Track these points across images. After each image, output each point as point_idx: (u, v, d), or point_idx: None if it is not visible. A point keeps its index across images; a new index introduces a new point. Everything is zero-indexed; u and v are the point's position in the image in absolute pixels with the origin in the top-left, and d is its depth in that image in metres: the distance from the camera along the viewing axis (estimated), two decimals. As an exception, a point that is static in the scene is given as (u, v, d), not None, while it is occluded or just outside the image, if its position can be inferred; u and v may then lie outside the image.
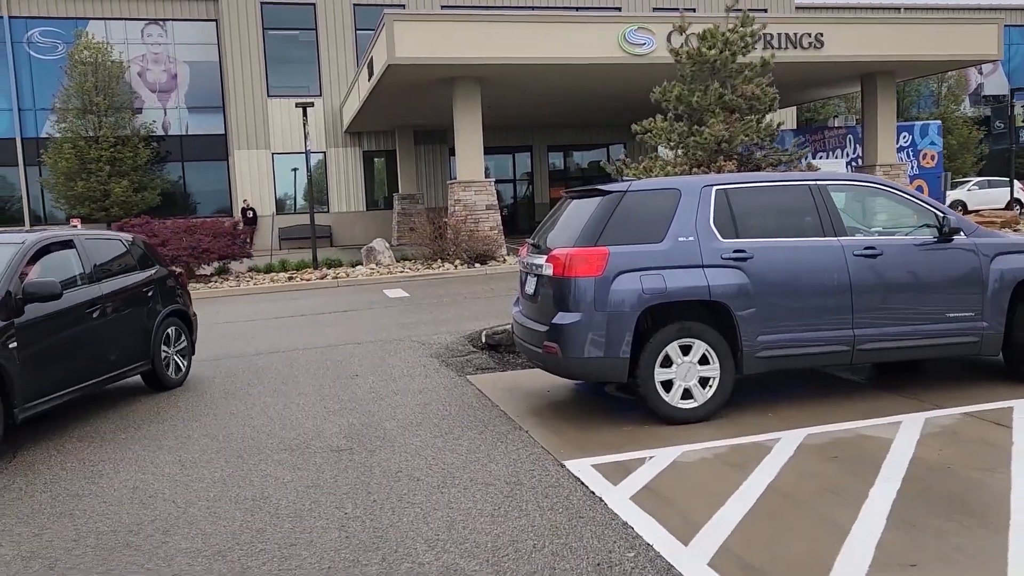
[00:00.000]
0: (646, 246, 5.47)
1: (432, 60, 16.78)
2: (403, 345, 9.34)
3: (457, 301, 13.10)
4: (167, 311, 7.72)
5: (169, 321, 7.74)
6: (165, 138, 30.34)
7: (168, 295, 7.90)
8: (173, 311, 7.87)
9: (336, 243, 30.00)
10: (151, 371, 7.44)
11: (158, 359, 7.49)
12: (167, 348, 7.68)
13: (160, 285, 7.77)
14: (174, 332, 7.85)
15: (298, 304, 13.96)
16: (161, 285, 7.79)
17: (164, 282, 7.91)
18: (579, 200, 6.07)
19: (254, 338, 10.63)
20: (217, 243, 16.45)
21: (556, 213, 6.36)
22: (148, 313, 7.46)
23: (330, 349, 9.42)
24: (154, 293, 7.62)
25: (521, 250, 6.58)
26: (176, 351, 7.87)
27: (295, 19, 29.49)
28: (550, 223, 6.35)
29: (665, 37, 17.54)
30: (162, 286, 7.81)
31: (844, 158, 23.94)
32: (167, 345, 7.69)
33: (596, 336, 5.36)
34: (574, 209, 6.04)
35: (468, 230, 17.83)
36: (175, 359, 7.83)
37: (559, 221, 6.19)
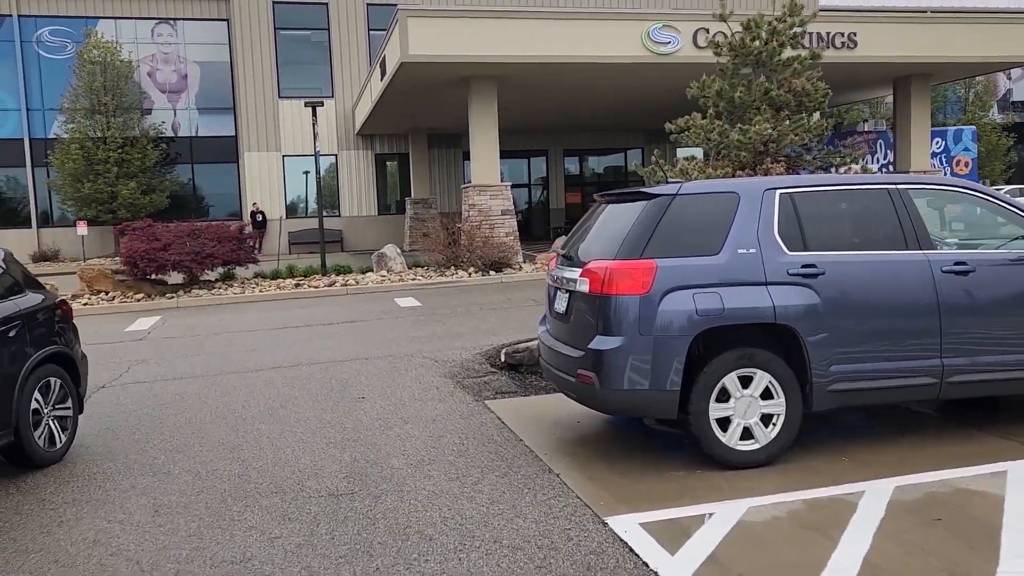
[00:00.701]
0: (700, 259, 4.66)
1: (447, 58, 16.04)
2: (414, 362, 8.56)
3: (472, 312, 12.32)
4: (41, 355, 5.53)
5: (44, 370, 5.59)
6: (174, 139, 29.77)
7: (45, 334, 5.73)
8: (51, 355, 5.69)
9: (347, 248, 29.30)
10: (14, 443, 5.19)
11: (24, 425, 5.26)
12: (40, 406, 5.49)
13: (30, 320, 5.59)
14: (54, 385, 5.69)
15: (304, 313, 13.21)
16: (32, 320, 5.61)
17: (36, 316, 5.71)
18: (617, 205, 5.27)
19: (255, 351, 9.88)
20: (222, 248, 15.73)
21: (589, 220, 5.56)
22: (10, 358, 5.25)
23: (335, 365, 8.65)
24: (20, 331, 5.41)
25: (550, 262, 5.78)
26: (52, 411, 5.64)
27: (307, 19, 28.87)
28: (583, 231, 5.55)
29: (691, 36, 16.82)
30: (34, 321, 5.64)
31: (875, 164, 23.04)
32: (41, 402, 5.51)
33: (640, 364, 4.56)
34: (612, 215, 5.23)
35: (483, 236, 17.05)
36: (51, 424, 5.58)
37: (594, 229, 5.39)
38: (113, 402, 7.41)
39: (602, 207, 5.52)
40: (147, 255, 14.90)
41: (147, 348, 10.56)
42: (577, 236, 5.59)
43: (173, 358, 9.68)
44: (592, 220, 5.52)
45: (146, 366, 9.23)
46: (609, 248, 4.84)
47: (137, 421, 6.68)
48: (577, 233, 5.64)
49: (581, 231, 5.60)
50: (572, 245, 5.54)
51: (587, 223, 5.57)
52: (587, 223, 5.57)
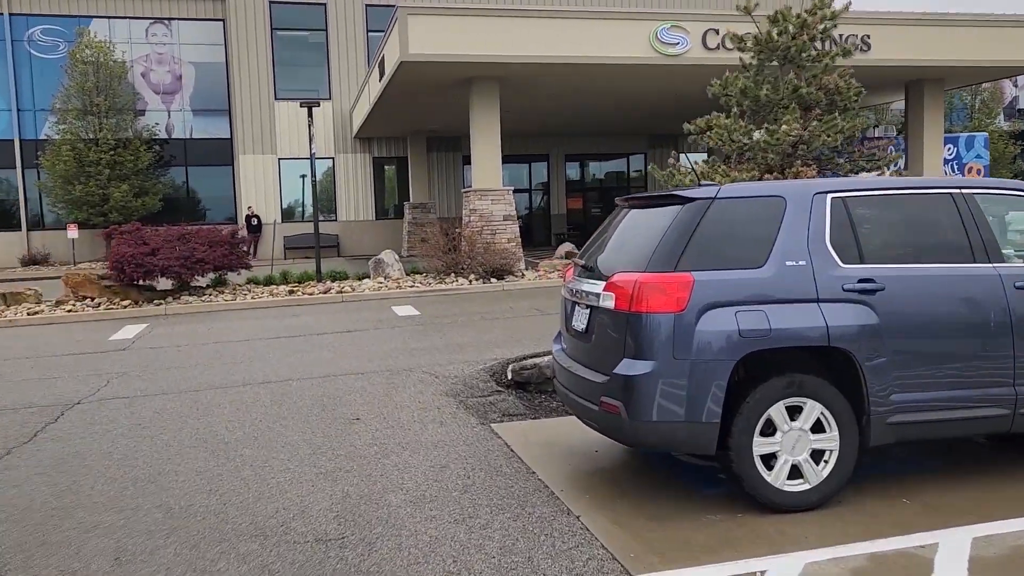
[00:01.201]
0: (743, 272, 4.09)
1: (448, 57, 15.48)
2: (413, 378, 7.96)
3: (473, 322, 11.73)
4: None
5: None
6: (168, 141, 29.18)
7: None
8: None
9: (343, 253, 28.72)
10: None
11: None
12: None
13: None
14: None
15: (298, 322, 12.61)
16: None
17: None
18: (644, 210, 4.69)
19: (244, 363, 9.28)
20: (213, 253, 15.13)
21: (610, 227, 4.98)
22: None
23: (328, 380, 8.05)
24: None
25: (566, 272, 5.19)
26: None
27: (304, 19, 28.34)
28: (603, 239, 4.97)
29: (700, 37, 16.30)
30: None
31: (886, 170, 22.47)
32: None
33: (675, 393, 3.98)
34: (638, 221, 4.66)
35: (484, 242, 16.48)
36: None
37: (617, 237, 4.81)
38: (87, 421, 6.81)
39: (624, 212, 4.94)
40: (134, 260, 14.29)
41: (130, 359, 9.95)
42: (597, 244, 5.01)
43: (157, 370, 9.08)
44: (614, 227, 4.94)
45: (127, 379, 8.63)
46: (637, 259, 4.25)
47: (110, 444, 6.08)
48: (597, 241, 5.06)
49: (601, 239, 5.01)
50: (591, 254, 4.95)
51: (608, 230, 5.00)
52: (608, 230, 5.00)
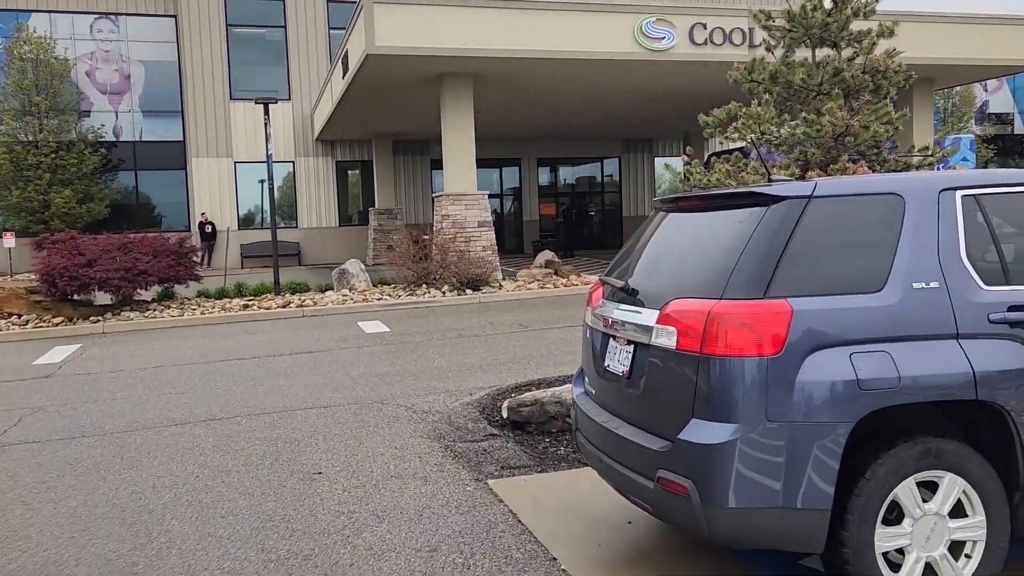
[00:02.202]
0: (856, 299, 2.95)
1: (418, 50, 14.27)
2: (386, 412, 6.73)
3: (450, 340, 10.51)
4: None
5: None
6: (116, 144, 27.49)
7: None
8: None
9: (305, 262, 27.27)
10: None
11: None
12: None
13: None
14: None
15: (252, 341, 11.28)
16: None
17: None
18: (698, 214, 3.53)
19: (186, 394, 7.96)
20: (158, 264, 13.72)
21: (649, 236, 3.83)
22: None
23: (284, 417, 6.78)
24: None
25: (592, 293, 4.02)
26: None
27: (262, 16, 26.89)
28: (641, 252, 3.82)
29: (687, 31, 15.36)
30: None
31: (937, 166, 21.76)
32: None
33: (767, 468, 2.83)
34: (693, 229, 3.51)
35: (458, 250, 15.27)
36: None
37: (662, 249, 3.66)
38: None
39: (665, 218, 3.79)
40: (68, 272, 12.83)
41: (53, 388, 8.56)
42: (633, 259, 3.85)
43: (81, 404, 7.72)
44: (654, 236, 3.79)
45: (43, 416, 7.26)
46: (705, 280, 3.10)
47: (0, 513, 4.77)
48: (631, 255, 3.90)
49: (638, 252, 3.85)
50: (627, 272, 3.79)
51: (645, 241, 3.84)
52: (645, 241, 3.84)
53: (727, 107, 6.78)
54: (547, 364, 8.50)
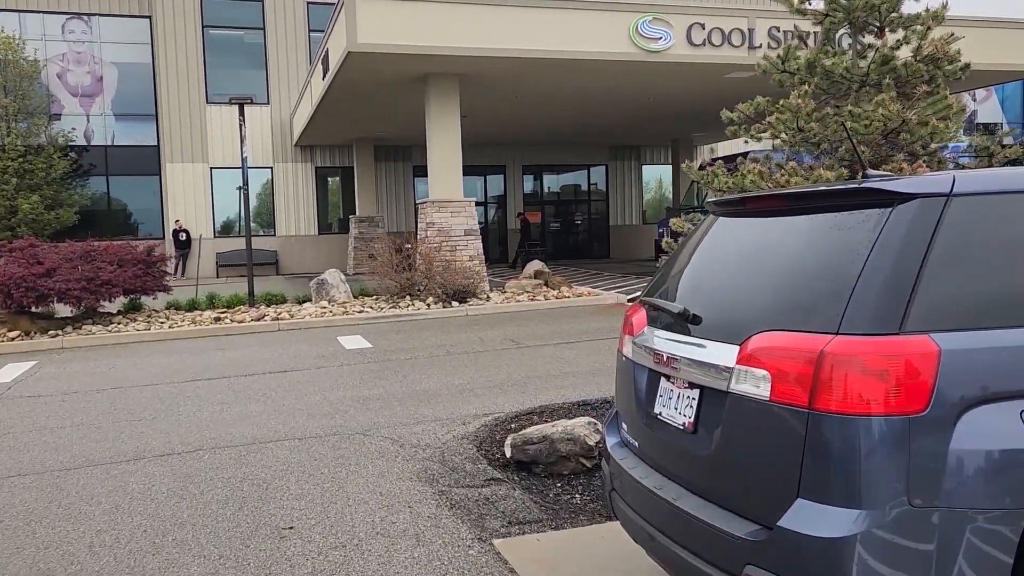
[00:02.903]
0: (1020, 332, 2.18)
1: (402, 49, 13.47)
2: (370, 447, 5.90)
3: (438, 358, 9.69)
4: None
5: None
6: (88, 148, 26.41)
7: None
8: None
9: (283, 271, 26.34)
10: None
11: None
12: None
13: None
14: None
15: (222, 358, 10.39)
16: None
17: None
18: (783, 218, 2.74)
19: (143, 421, 7.08)
20: (123, 273, 12.78)
21: (709, 247, 3.05)
22: None
23: (253, 451, 5.93)
24: None
25: (630, 317, 3.22)
26: None
27: (240, 17, 25.98)
28: (700, 267, 3.03)
29: (685, 31, 14.67)
30: None
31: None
32: None
33: (909, 570, 2.04)
34: (772, 237, 2.72)
35: (443, 260, 14.45)
36: None
37: (731, 263, 2.86)
38: None
39: (726, 223, 3.01)
40: (25, 282, 11.86)
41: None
42: (686, 275, 3.06)
43: (23, 433, 6.83)
44: (713, 247, 3.01)
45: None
46: (806, 305, 2.32)
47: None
48: (682, 270, 3.11)
49: (691, 267, 3.07)
50: (677, 291, 3.00)
51: (702, 253, 3.06)
52: (702, 253, 3.06)
53: (754, 101, 6.04)
54: (546, 387, 7.71)
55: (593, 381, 7.88)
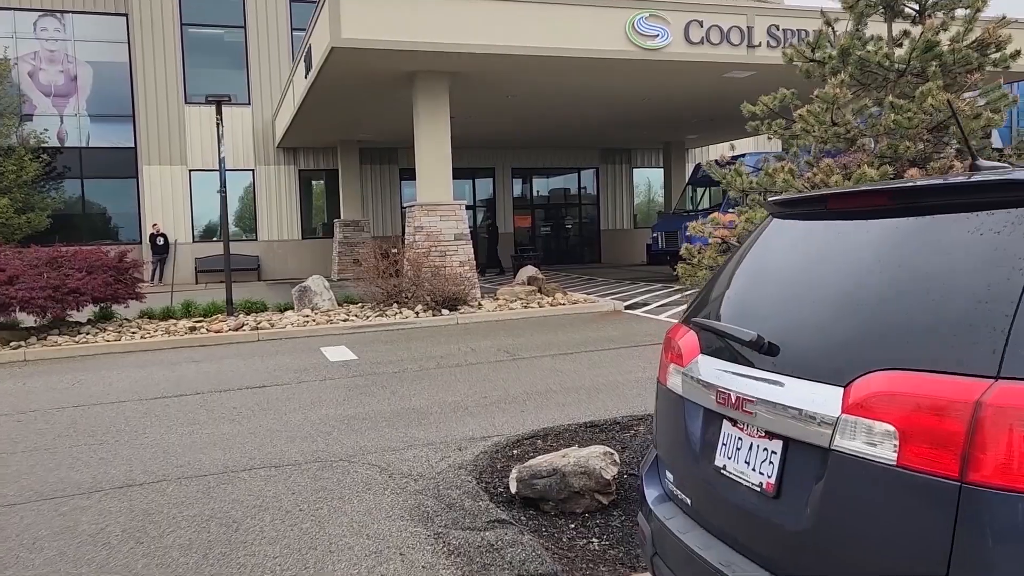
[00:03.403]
0: None
1: (389, 44, 12.86)
2: (356, 477, 5.27)
3: (428, 372, 9.07)
4: None
5: None
6: (61, 150, 25.65)
7: None
8: None
9: (265, 277, 25.63)
10: None
11: None
12: None
13: None
14: None
15: (196, 372, 9.72)
16: None
17: None
18: (882, 220, 2.14)
19: (104, 445, 6.42)
20: (93, 281, 12.07)
21: (775, 256, 2.46)
22: None
23: (224, 482, 5.29)
24: None
25: (674, 340, 2.62)
26: None
27: (220, 15, 25.30)
28: (765, 281, 2.43)
29: (682, 29, 14.15)
30: None
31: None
32: None
33: None
34: (869, 245, 2.12)
35: (432, 266, 13.84)
36: None
37: (812, 277, 2.26)
38: None
39: (796, 227, 2.43)
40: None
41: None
42: (745, 290, 2.47)
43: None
44: (780, 257, 2.42)
45: (-87, 481, 5.67)
46: (943, 339, 1.72)
47: None
48: (740, 285, 2.52)
49: (752, 280, 2.48)
50: (739, 310, 2.41)
51: (767, 263, 2.47)
52: (767, 263, 2.47)
53: (779, 93, 5.47)
54: (547, 405, 7.11)
55: (598, 398, 7.29)
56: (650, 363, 8.92)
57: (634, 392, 7.49)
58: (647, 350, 9.88)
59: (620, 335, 11.25)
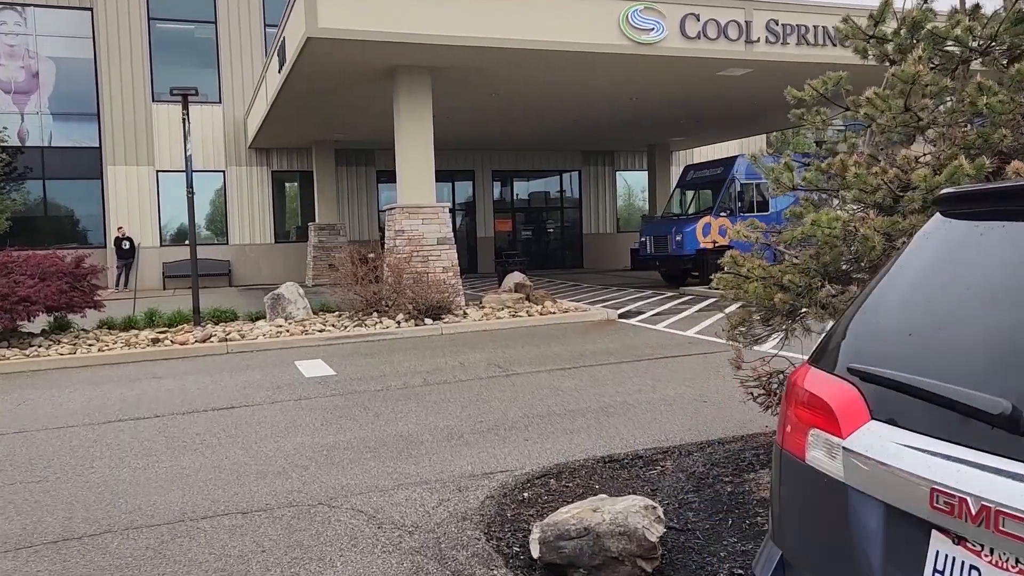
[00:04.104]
0: None
1: (368, 35, 12.01)
2: (337, 529, 4.43)
3: (414, 390, 8.23)
4: None
5: None
6: (22, 150, 24.42)
7: None
8: None
9: (237, 282, 24.60)
10: None
11: None
12: None
13: None
14: None
15: (158, 390, 8.80)
16: None
17: None
18: None
19: (44, 482, 5.51)
20: (46, 288, 11.08)
21: (977, 273, 1.66)
22: None
23: (178, 537, 4.42)
24: None
25: (816, 399, 1.80)
26: None
27: (190, 9, 24.26)
28: (968, 309, 1.64)
29: (678, 23, 13.47)
30: None
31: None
32: None
33: None
34: None
35: (414, 272, 12.99)
36: None
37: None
38: None
39: (995, 232, 1.64)
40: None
41: None
42: (937, 323, 1.67)
43: None
44: (981, 272, 1.63)
45: None
46: None
47: None
48: (918, 311, 1.72)
49: (942, 306, 1.69)
50: (933, 352, 1.61)
51: (967, 283, 1.68)
52: (967, 283, 1.68)
53: (833, 74, 4.72)
54: (552, 431, 6.31)
55: (608, 423, 6.50)
56: (658, 381, 8.15)
57: (647, 416, 6.71)
58: (651, 365, 9.12)
59: (618, 347, 10.47)
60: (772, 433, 5.65)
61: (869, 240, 3.69)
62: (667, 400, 7.26)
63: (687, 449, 5.48)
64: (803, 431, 1.84)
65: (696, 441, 5.71)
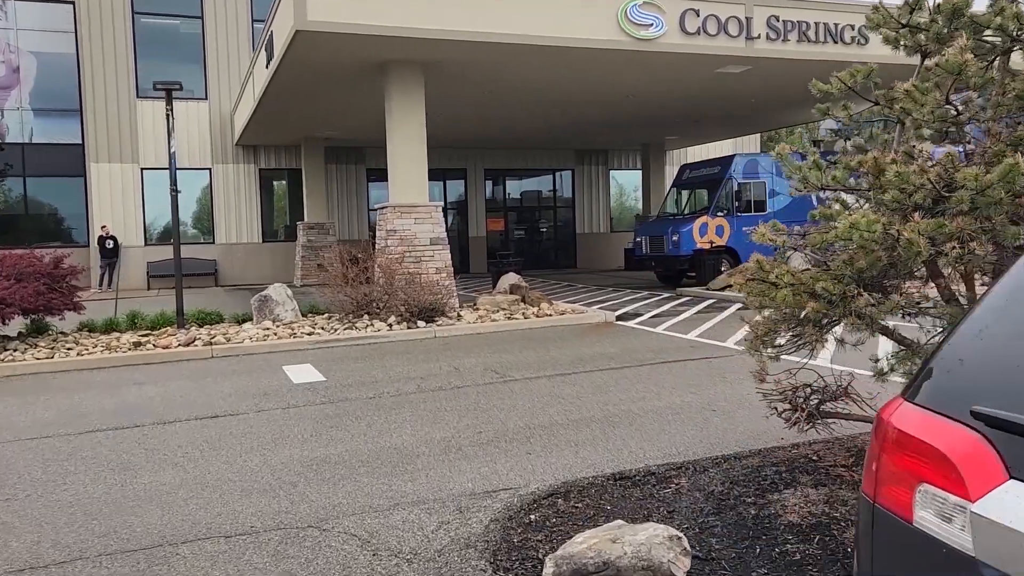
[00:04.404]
0: None
1: (359, 29, 11.63)
2: (328, 556, 4.08)
3: (408, 397, 7.87)
4: None
5: None
6: (2, 147, 23.90)
7: None
8: None
9: (223, 282, 24.15)
10: None
11: None
12: None
13: None
14: None
15: (138, 398, 8.41)
16: None
17: None
18: None
19: (9, 503, 5.13)
20: (22, 290, 10.66)
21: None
22: None
23: (155, 565, 4.06)
24: None
25: (931, 449, 1.45)
26: None
27: (175, 4, 23.79)
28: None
29: (678, 18, 13.16)
30: None
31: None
32: None
33: None
34: None
35: (407, 273, 12.62)
36: None
37: None
38: None
39: None
40: None
41: None
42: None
43: None
44: None
45: None
46: None
47: None
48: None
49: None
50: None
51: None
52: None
53: (863, 66, 4.40)
54: (556, 443, 5.97)
55: (614, 434, 6.16)
56: (663, 388, 7.83)
57: (655, 426, 6.38)
58: (653, 370, 8.79)
59: (618, 351, 10.15)
60: (791, 447, 5.33)
61: (914, 245, 3.37)
62: (674, 408, 6.94)
63: (702, 465, 5.15)
64: (909, 485, 1.50)
65: (710, 455, 5.38)
